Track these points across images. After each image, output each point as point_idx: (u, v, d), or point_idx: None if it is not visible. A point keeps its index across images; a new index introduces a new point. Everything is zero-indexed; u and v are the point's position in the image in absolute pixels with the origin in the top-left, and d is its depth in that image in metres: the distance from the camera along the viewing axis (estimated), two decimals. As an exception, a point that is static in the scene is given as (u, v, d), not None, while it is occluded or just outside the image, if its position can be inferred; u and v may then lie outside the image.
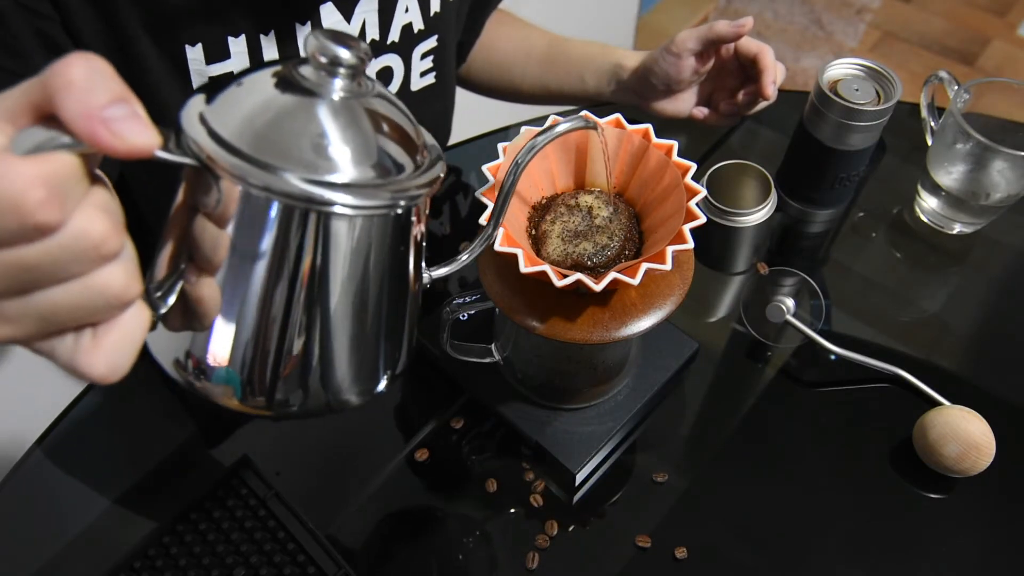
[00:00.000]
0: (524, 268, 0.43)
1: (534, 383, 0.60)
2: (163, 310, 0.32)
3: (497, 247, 0.44)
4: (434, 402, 0.65)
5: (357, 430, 0.64)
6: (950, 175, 0.72)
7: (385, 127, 0.34)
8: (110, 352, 0.28)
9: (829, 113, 0.66)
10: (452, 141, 0.94)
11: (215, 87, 0.33)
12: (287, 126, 0.31)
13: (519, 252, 0.44)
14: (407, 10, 0.68)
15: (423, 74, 0.74)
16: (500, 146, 0.49)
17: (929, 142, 0.75)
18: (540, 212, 0.51)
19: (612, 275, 0.43)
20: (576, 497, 0.60)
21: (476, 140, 0.87)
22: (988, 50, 2.11)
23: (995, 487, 0.59)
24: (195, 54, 0.58)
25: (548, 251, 0.49)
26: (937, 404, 0.61)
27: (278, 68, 0.34)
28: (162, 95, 0.58)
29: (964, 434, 0.57)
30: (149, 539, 0.55)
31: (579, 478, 0.59)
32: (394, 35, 0.68)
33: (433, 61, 0.74)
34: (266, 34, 0.60)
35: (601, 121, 0.49)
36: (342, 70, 0.32)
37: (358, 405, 0.38)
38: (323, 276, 0.33)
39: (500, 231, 0.45)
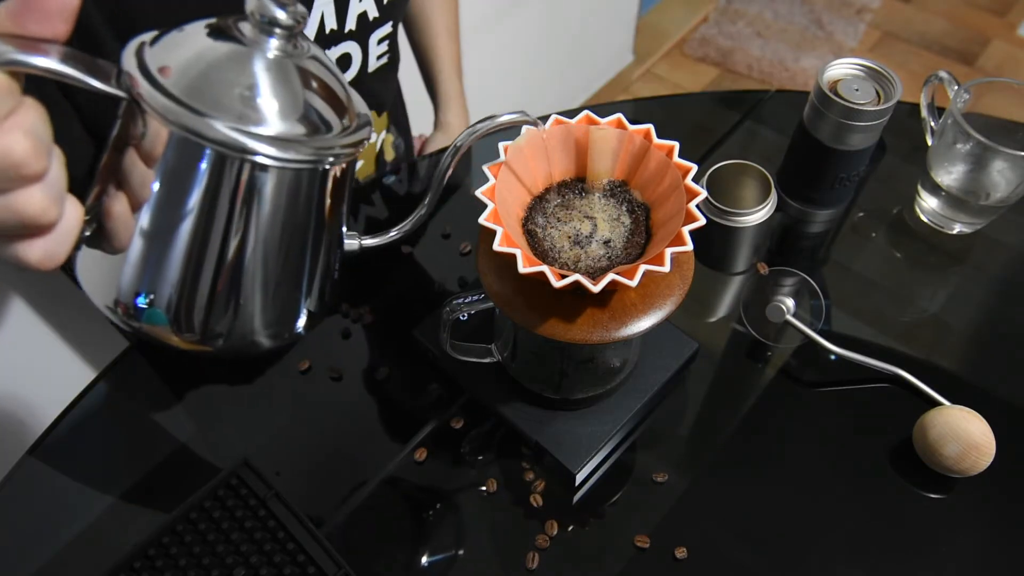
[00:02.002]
0: (523, 268, 0.43)
1: (534, 383, 0.60)
2: (88, 232, 0.34)
3: (496, 247, 0.44)
4: (434, 402, 0.65)
5: (357, 430, 0.64)
6: (950, 175, 0.72)
7: (315, 87, 0.36)
8: (44, 242, 0.29)
9: (829, 113, 0.66)
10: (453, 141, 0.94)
11: (158, 32, 0.35)
12: (220, 76, 0.33)
13: (518, 252, 0.44)
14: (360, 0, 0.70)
15: (379, 57, 0.78)
16: (501, 145, 0.49)
17: (929, 142, 0.75)
18: (539, 204, 0.51)
19: (610, 276, 0.43)
20: (576, 497, 0.60)
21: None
22: (988, 50, 2.11)
23: (995, 487, 0.59)
24: None
25: (555, 254, 0.49)
26: (937, 404, 0.61)
27: (220, 21, 0.35)
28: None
29: (964, 434, 0.57)
30: (149, 539, 0.55)
31: (579, 478, 0.59)
32: (351, 24, 0.71)
33: (388, 45, 0.78)
34: None
35: (627, 130, 0.50)
36: (278, 30, 0.34)
37: (278, 344, 0.41)
38: (242, 221, 0.35)
39: (499, 231, 0.45)
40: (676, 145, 0.49)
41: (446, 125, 0.96)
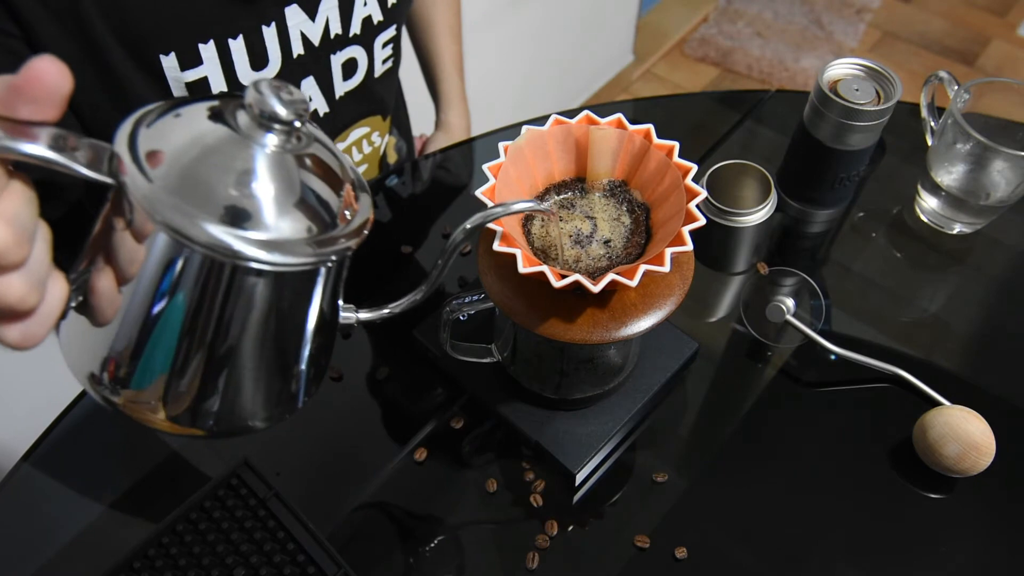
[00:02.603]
0: (523, 269, 0.43)
1: (534, 383, 0.60)
2: (73, 304, 0.32)
3: (496, 247, 0.44)
4: (434, 402, 0.65)
5: (357, 430, 0.64)
6: (950, 175, 0.72)
7: (315, 180, 0.34)
8: (23, 325, 0.29)
9: (829, 113, 0.66)
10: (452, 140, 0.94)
11: (158, 110, 0.33)
12: (214, 170, 0.31)
13: (517, 252, 0.44)
14: (365, 3, 0.70)
15: (384, 61, 0.78)
16: (501, 145, 0.49)
17: (929, 142, 0.75)
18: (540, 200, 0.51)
19: (610, 276, 0.43)
20: (576, 497, 0.60)
21: (477, 139, 0.87)
22: (988, 50, 2.11)
23: (995, 487, 0.59)
24: (170, 62, 0.59)
25: (555, 254, 0.49)
26: (937, 404, 0.61)
27: (217, 107, 0.33)
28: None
29: (964, 434, 0.57)
30: (149, 539, 0.55)
31: (579, 478, 0.59)
32: (355, 28, 0.71)
33: (392, 48, 0.78)
34: (234, 38, 0.61)
35: (627, 130, 0.49)
36: (277, 126, 0.32)
37: (267, 428, 0.39)
38: (234, 319, 0.33)
39: (499, 231, 0.45)
40: (676, 145, 0.49)
41: (447, 124, 0.96)
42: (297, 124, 0.32)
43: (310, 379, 0.40)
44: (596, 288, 0.43)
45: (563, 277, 0.43)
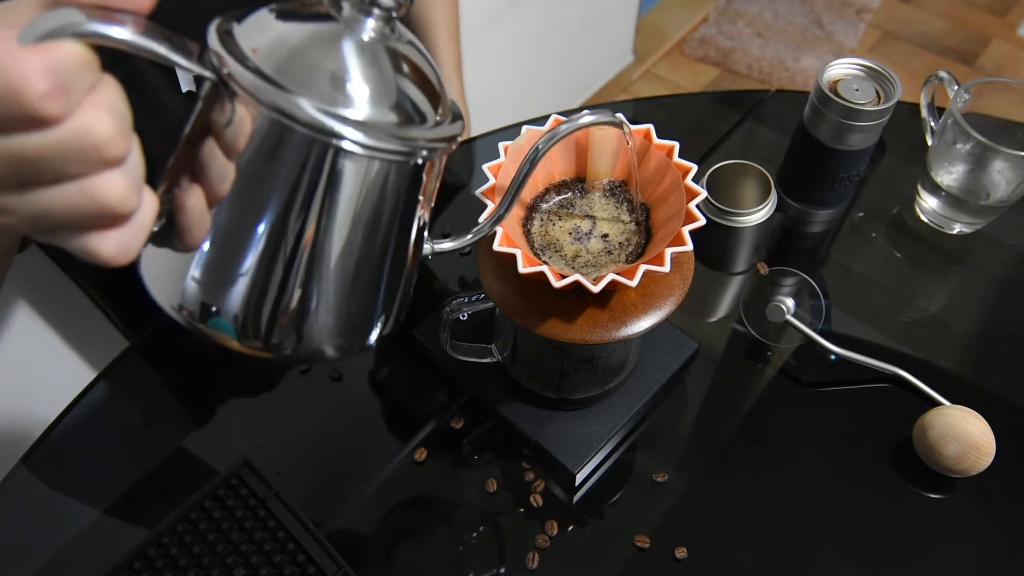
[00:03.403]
0: (523, 268, 0.43)
1: (534, 383, 0.60)
2: (156, 228, 0.31)
3: (496, 247, 0.44)
4: (434, 402, 0.65)
5: (357, 430, 0.64)
6: (950, 175, 0.72)
7: (409, 75, 0.34)
8: (120, 234, 0.27)
9: (829, 113, 0.66)
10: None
11: (247, 10, 0.32)
12: (312, 57, 0.31)
13: (518, 252, 0.44)
14: None
15: None
16: (501, 145, 0.49)
17: (929, 142, 0.75)
18: (539, 204, 0.51)
19: (610, 276, 0.43)
20: (576, 497, 0.60)
21: (477, 139, 0.87)
22: (988, 50, 2.11)
23: (995, 487, 0.59)
24: None
25: (554, 254, 0.49)
26: (937, 404, 0.61)
27: (314, 0, 0.33)
28: (165, 104, 0.59)
29: (964, 434, 0.57)
30: (149, 539, 0.55)
31: (579, 478, 0.59)
32: None
33: None
34: None
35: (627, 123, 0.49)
36: (377, 11, 0.32)
37: (346, 357, 0.38)
38: (326, 217, 0.33)
39: (499, 231, 0.45)
40: (676, 145, 0.49)
41: None
42: (395, 12, 0.33)
43: (390, 304, 0.39)
44: (596, 288, 0.43)
45: (563, 277, 0.43)
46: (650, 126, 0.49)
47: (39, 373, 0.93)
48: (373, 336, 0.39)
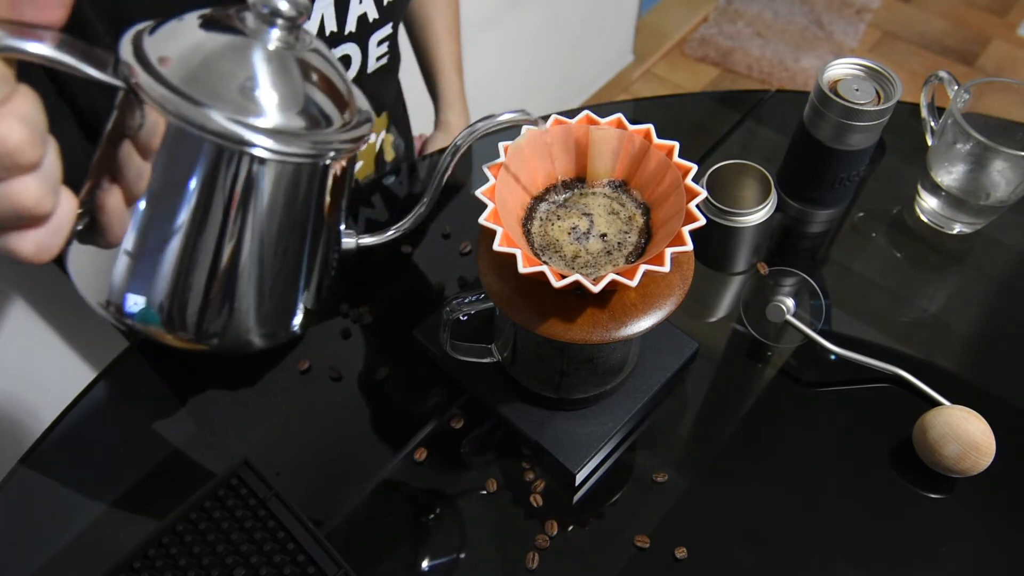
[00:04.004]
0: (522, 268, 0.43)
1: (534, 383, 0.60)
2: (80, 226, 0.33)
3: (496, 247, 0.44)
4: (434, 402, 0.65)
5: (357, 430, 0.64)
6: (950, 175, 0.72)
7: (316, 80, 0.35)
8: (38, 234, 0.29)
9: (829, 113, 0.66)
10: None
11: (157, 21, 0.34)
12: (219, 67, 0.32)
13: (517, 252, 0.44)
14: (361, 1, 0.70)
15: (378, 58, 0.78)
16: (501, 145, 0.49)
17: (929, 142, 0.75)
18: (539, 204, 0.51)
19: (610, 276, 0.43)
20: (576, 497, 0.60)
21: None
22: (988, 50, 2.11)
23: (995, 487, 0.59)
24: None
25: (554, 254, 0.49)
26: (937, 404, 0.61)
27: (220, 12, 0.35)
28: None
29: (964, 434, 0.57)
30: (149, 539, 0.55)
31: (579, 478, 0.59)
32: (351, 26, 0.71)
33: (388, 46, 0.78)
34: None
35: (626, 130, 0.50)
36: (280, 21, 0.34)
37: (273, 343, 0.40)
38: (240, 216, 0.34)
39: (499, 231, 0.45)
40: (676, 145, 0.49)
41: (446, 125, 0.96)
42: (299, 20, 0.34)
43: (310, 295, 0.41)
44: (596, 288, 0.43)
45: (563, 277, 0.43)
46: (650, 126, 0.49)
47: (39, 373, 0.93)
48: (296, 322, 0.41)
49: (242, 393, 0.66)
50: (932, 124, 0.75)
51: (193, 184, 0.33)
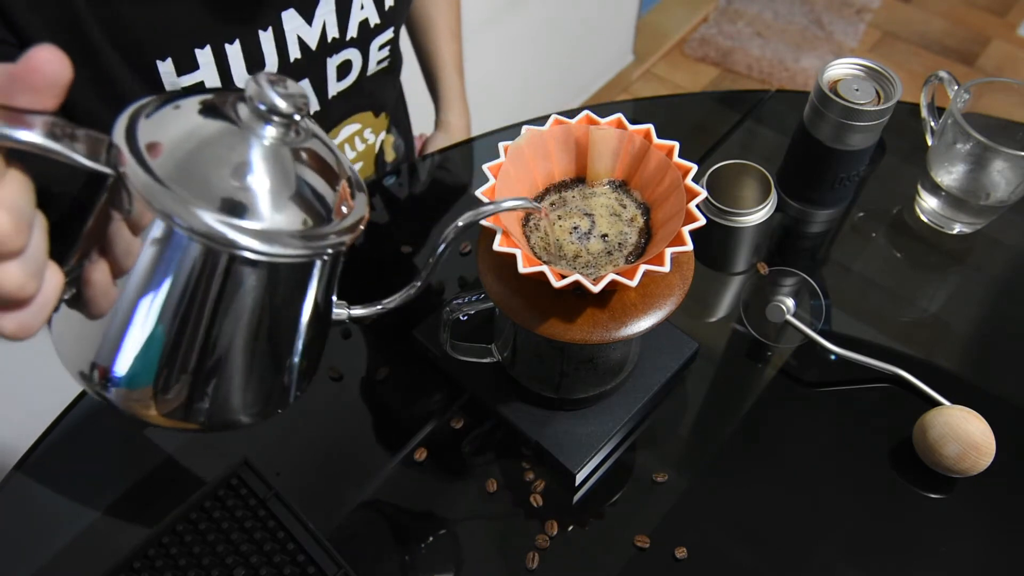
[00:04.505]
0: (522, 268, 0.43)
1: (534, 383, 0.60)
2: (67, 296, 0.32)
3: (496, 247, 0.44)
4: (434, 402, 0.65)
5: (357, 430, 0.64)
6: (950, 175, 0.72)
7: (312, 174, 0.34)
8: (19, 315, 0.29)
9: (829, 113, 0.66)
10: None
11: (156, 102, 0.33)
12: (212, 160, 0.31)
13: (517, 252, 0.44)
14: (362, 7, 0.70)
15: (379, 62, 0.78)
16: (500, 145, 0.49)
17: (929, 142, 0.75)
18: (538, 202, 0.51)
19: (610, 276, 0.43)
20: (576, 497, 0.60)
21: (477, 139, 0.87)
22: (988, 50, 2.11)
23: (995, 487, 0.59)
24: (166, 67, 0.59)
25: (554, 253, 0.49)
26: (937, 404, 0.61)
27: (217, 99, 0.33)
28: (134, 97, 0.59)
29: (964, 434, 0.57)
30: (149, 539, 0.55)
31: (579, 478, 0.59)
32: (352, 31, 0.71)
33: (389, 50, 0.78)
34: (231, 43, 0.61)
35: (627, 130, 0.49)
36: (276, 118, 0.32)
37: (262, 420, 0.39)
38: (228, 311, 0.33)
39: (499, 231, 0.45)
40: (676, 145, 0.49)
41: (447, 125, 0.96)
42: (296, 117, 0.33)
43: (302, 374, 0.40)
44: (596, 288, 0.43)
45: (563, 277, 0.43)
46: (650, 126, 0.49)
47: (39, 373, 0.93)
48: (284, 403, 0.40)
49: (242, 393, 0.66)
50: (932, 124, 0.75)
51: (180, 274, 0.32)
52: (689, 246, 0.44)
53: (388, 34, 0.75)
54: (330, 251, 0.34)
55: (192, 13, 0.58)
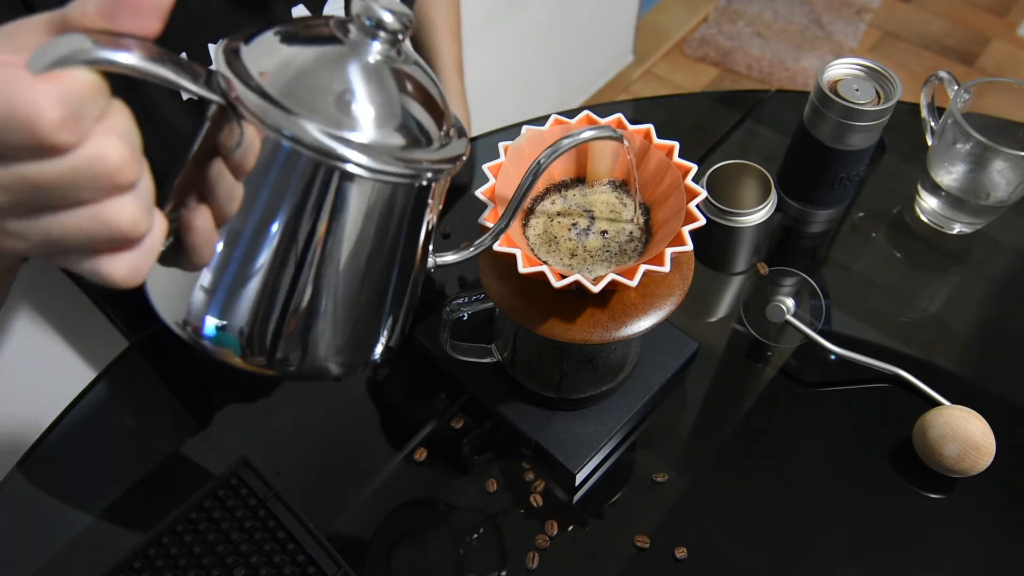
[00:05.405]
0: (523, 268, 0.43)
1: (534, 383, 0.60)
2: (164, 247, 0.31)
3: (496, 247, 0.44)
4: (434, 402, 0.65)
5: (357, 430, 0.64)
6: (950, 175, 0.72)
7: (415, 97, 0.34)
8: (131, 256, 0.27)
9: (829, 113, 0.66)
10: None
11: (251, 32, 0.33)
12: (318, 80, 0.31)
13: (517, 252, 0.44)
14: None
15: None
16: (501, 145, 0.49)
17: (929, 142, 0.75)
18: (539, 204, 0.51)
19: (610, 276, 0.43)
20: (576, 497, 0.60)
21: (477, 139, 0.87)
22: (988, 50, 2.11)
23: (995, 487, 0.59)
24: None
25: (554, 253, 0.49)
26: (937, 404, 0.61)
27: (319, 22, 0.33)
28: (162, 111, 0.59)
29: (964, 434, 0.57)
30: (149, 539, 0.55)
31: (579, 478, 0.59)
32: None
33: None
34: None
35: (627, 131, 0.49)
36: (383, 34, 0.32)
37: (350, 373, 0.39)
38: (332, 238, 0.33)
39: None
40: (676, 145, 0.49)
41: None
42: (400, 36, 0.33)
43: (396, 320, 0.39)
44: (596, 288, 0.43)
45: (563, 277, 0.43)
46: (650, 126, 0.49)
47: (39, 373, 0.93)
48: (377, 352, 0.39)
49: (242, 393, 0.66)
50: (932, 124, 0.75)
51: (286, 203, 0.32)
52: (689, 246, 0.44)
53: None
54: (430, 174, 0.34)
55: (205, 8, 0.58)
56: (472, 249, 0.42)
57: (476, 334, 0.64)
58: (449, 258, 0.41)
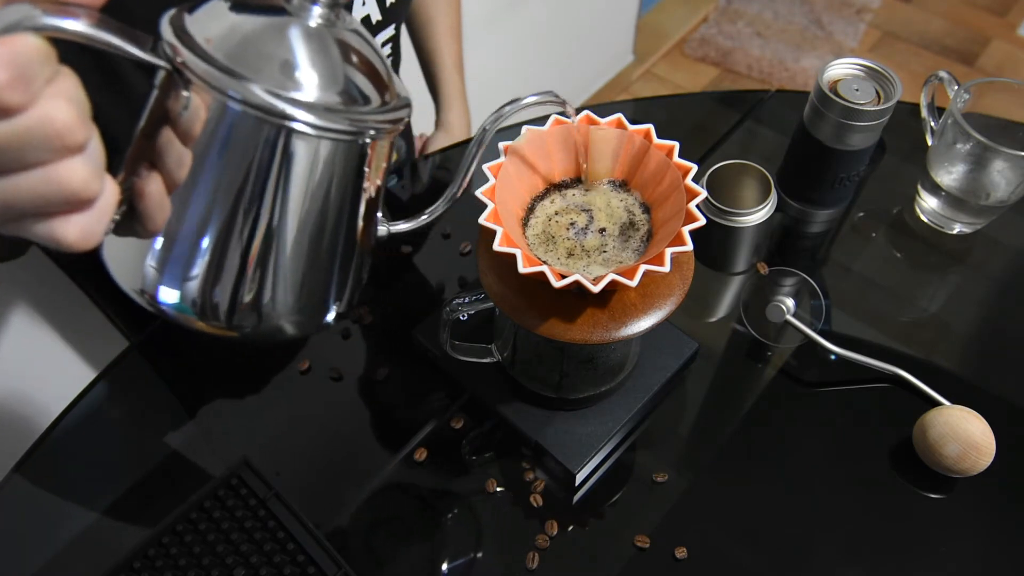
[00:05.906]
0: (523, 268, 0.43)
1: (534, 383, 0.60)
2: (117, 216, 0.32)
3: (496, 247, 0.44)
4: (434, 402, 0.65)
5: (357, 430, 0.64)
6: (950, 175, 0.72)
7: (355, 60, 0.35)
8: (82, 219, 0.28)
9: (829, 113, 0.66)
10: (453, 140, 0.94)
11: (200, 1, 0.34)
12: (261, 44, 0.32)
13: (517, 252, 0.44)
14: (364, 3, 0.70)
15: None
16: (501, 145, 0.49)
17: (929, 142, 0.75)
18: (539, 204, 0.51)
19: (610, 276, 0.43)
20: (576, 497, 0.60)
21: (476, 140, 0.87)
22: (988, 50, 2.11)
23: (995, 487, 0.59)
24: None
25: (555, 253, 0.49)
26: (937, 404, 0.61)
27: None
28: (129, 81, 0.59)
29: (964, 434, 0.57)
30: (149, 539, 0.55)
31: (579, 478, 0.59)
32: None
33: (391, 47, 0.78)
34: None
35: (627, 131, 0.50)
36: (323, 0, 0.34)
37: (306, 333, 0.41)
38: (279, 198, 0.34)
39: (499, 231, 0.45)
40: (676, 145, 0.49)
41: (447, 124, 0.96)
42: (341, 1, 0.34)
43: (343, 284, 0.41)
44: (596, 288, 0.43)
45: (563, 277, 0.43)
46: (650, 126, 0.49)
47: (39, 373, 0.93)
48: (330, 314, 0.41)
49: (242, 393, 0.66)
50: (932, 124, 0.75)
51: (234, 166, 0.33)
52: (689, 246, 0.44)
53: (390, 31, 0.75)
54: (374, 131, 0.35)
55: None
56: (425, 216, 0.43)
57: (476, 334, 0.64)
58: (403, 226, 0.43)
